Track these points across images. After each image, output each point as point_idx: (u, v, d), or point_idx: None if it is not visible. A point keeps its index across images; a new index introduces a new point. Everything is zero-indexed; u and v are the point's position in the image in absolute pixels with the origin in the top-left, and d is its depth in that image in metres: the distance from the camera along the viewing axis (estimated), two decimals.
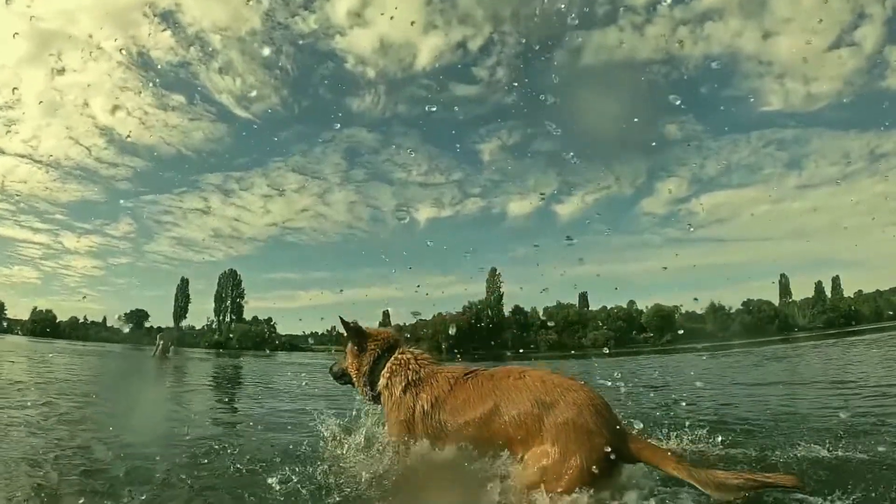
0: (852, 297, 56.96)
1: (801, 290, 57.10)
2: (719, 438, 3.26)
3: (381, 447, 2.90)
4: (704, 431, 3.36)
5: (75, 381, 9.58)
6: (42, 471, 3.03)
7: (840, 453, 2.97)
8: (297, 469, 2.79)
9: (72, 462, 3.23)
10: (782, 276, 56.77)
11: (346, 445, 3.13)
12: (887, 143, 54.00)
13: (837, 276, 57.42)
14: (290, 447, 3.46)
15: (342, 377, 3.30)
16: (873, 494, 2.20)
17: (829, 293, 57.10)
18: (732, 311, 52.52)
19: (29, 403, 6.19)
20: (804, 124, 61.30)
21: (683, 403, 5.28)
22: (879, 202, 56.17)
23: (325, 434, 3.40)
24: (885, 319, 46.94)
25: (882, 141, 54.29)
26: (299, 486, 2.61)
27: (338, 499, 2.47)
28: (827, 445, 3.08)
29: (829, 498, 2.11)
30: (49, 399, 6.74)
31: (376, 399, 3.05)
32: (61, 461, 3.26)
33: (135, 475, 2.89)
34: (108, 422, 4.68)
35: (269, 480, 2.66)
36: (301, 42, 62.18)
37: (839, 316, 51.48)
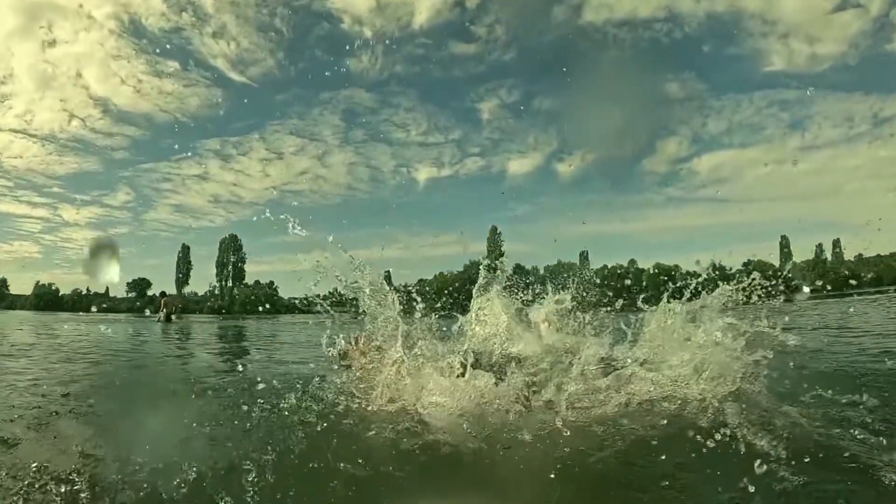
0: (852, 260, 57.34)
1: (802, 253, 57.43)
2: None
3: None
4: None
5: (91, 340, 9.73)
6: (92, 399, 3.14)
7: (856, 371, 3.10)
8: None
9: (114, 396, 3.34)
10: (783, 237, 57.00)
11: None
12: (891, 108, 53.09)
13: (838, 239, 57.73)
14: (304, 375, 3.57)
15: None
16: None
17: (829, 256, 57.47)
18: (732, 271, 52.65)
19: (54, 360, 6.43)
20: (808, 86, 59.99)
21: None
22: (882, 167, 55.72)
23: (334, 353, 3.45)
24: (885, 284, 47.19)
25: (886, 105, 53.32)
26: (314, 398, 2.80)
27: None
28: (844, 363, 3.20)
29: (861, 399, 2.26)
30: (70, 355, 6.92)
31: None
32: (103, 391, 3.38)
33: (173, 402, 2.99)
34: (138, 369, 4.80)
35: (282, 403, 2.77)
36: (295, 3, 60.00)
37: (839, 279, 51.93)
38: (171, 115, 59.72)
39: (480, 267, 3.71)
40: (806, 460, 1.69)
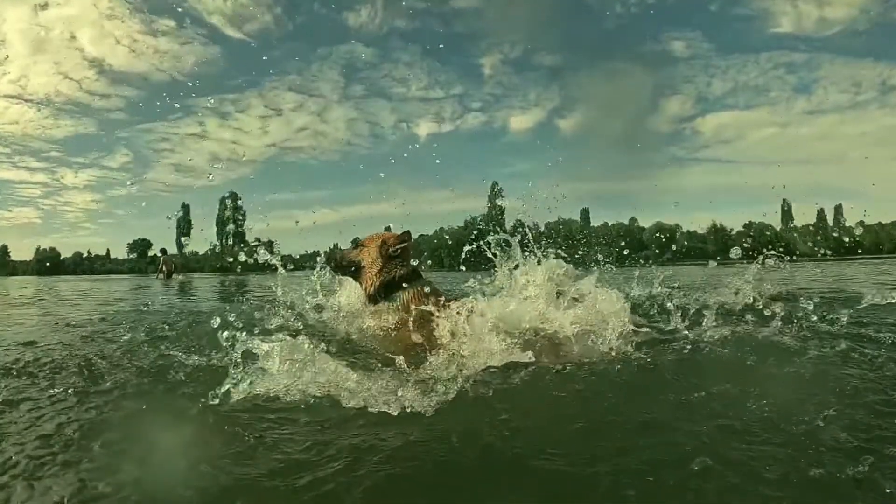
0: (854, 227, 57.05)
1: (804, 217, 57.17)
2: None
3: None
4: None
5: (99, 294, 9.88)
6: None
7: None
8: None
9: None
10: (785, 200, 56.53)
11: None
12: None
13: (840, 204, 57.27)
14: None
15: (346, 267, 3.24)
16: None
17: (830, 222, 57.13)
18: (733, 232, 52.95)
19: (66, 305, 6.72)
20: (815, 49, 57.85)
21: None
22: (889, 135, 54.49)
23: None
24: (885, 252, 47.01)
25: (895, 73, 51.52)
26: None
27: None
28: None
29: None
30: (85, 301, 7.25)
31: (372, 300, 3.03)
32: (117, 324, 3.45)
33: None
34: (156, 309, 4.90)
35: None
36: None
37: (839, 245, 51.94)
38: (167, 73, 58.16)
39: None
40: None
